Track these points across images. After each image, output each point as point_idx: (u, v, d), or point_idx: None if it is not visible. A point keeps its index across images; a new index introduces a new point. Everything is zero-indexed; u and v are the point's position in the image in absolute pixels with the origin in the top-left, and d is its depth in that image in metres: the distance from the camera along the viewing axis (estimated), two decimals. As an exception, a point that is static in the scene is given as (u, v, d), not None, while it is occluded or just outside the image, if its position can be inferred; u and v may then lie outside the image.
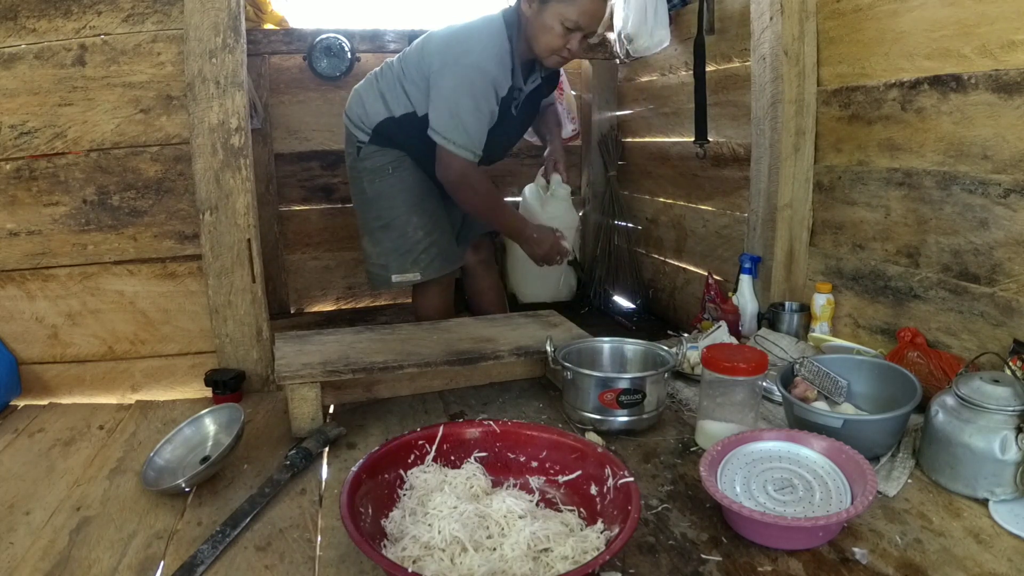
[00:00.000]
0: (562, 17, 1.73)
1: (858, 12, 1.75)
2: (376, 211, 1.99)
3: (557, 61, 1.85)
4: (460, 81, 1.75)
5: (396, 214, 1.97)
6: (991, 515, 1.13)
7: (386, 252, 1.99)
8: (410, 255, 1.98)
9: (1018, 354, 1.35)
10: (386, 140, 1.95)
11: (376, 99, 1.93)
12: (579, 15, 1.72)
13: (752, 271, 2.10)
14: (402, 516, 1.07)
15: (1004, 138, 1.44)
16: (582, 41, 1.80)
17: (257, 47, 2.60)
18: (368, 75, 2.03)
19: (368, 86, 1.99)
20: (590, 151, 3.23)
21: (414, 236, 1.97)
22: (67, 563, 1.07)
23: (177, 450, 1.38)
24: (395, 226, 1.97)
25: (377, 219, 1.99)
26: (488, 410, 1.62)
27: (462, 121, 1.76)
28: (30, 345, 1.73)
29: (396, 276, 1.99)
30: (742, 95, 2.20)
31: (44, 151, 1.63)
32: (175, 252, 1.73)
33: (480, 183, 1.86)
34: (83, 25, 1.58)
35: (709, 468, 1.16)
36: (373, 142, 1.96)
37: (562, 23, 1.73)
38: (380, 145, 1.96)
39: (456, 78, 1.76)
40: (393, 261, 1.99)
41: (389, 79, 1.93)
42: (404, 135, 1.91)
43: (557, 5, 1.73)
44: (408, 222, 1.97)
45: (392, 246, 1.98)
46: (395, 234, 1.98)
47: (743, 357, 1.34)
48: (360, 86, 2.03)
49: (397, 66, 1.93)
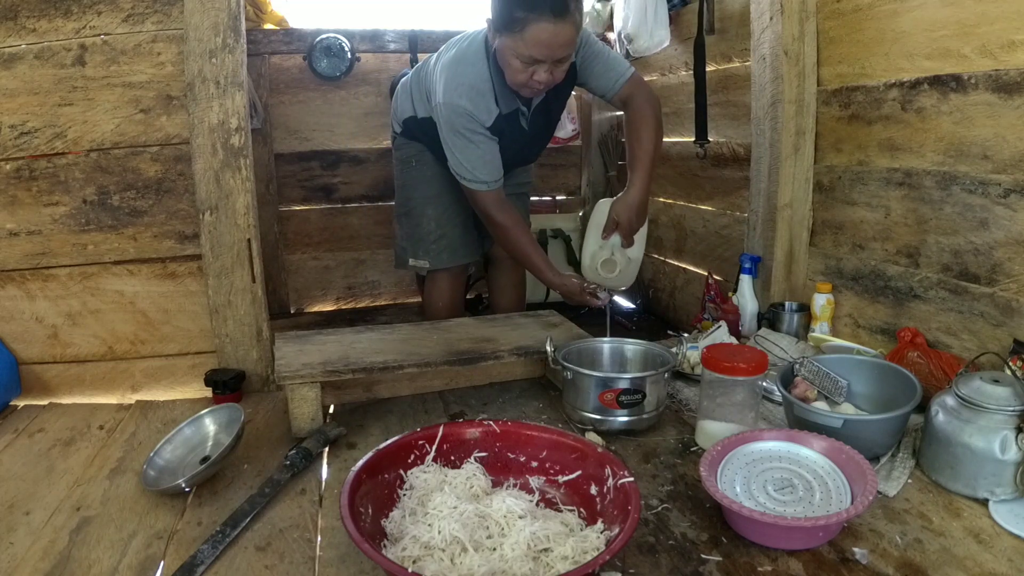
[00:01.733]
0: (515, 51, 1.59)
1: (858, 12, 1.75)
2: (401, 198, 2.13)
3: (532, 92, 1.72)
4: (444, 122, 1.75)
5: (414, 204, 2.07)
6: (991, 515, 1.13)
7: (406, 236, 2.12)
8: (422, 244, 2.07)
9: (1018, 354, 1.35)
10: (412, 135, 2.03)
11: (407, 95, 2.01)
12: (530, 47, 1.56)
13: (752, 271, 2.10)
14: (402, 516, 1.07)
15: (1004, 138, 1.44)
16: (552, 69, 1.62)
17: (257, 47, 2.60)
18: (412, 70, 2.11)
19: (406, 80, 2.08)
20: (590, 151, 3.23)
21: (427, 227, 2.06)
22: (67, 563, 1.07)
23: (177, 450, 1.38)
24: (413, 215, 2.08)
25: (402, 205, 2.13)
26: (488, 410, 1.62)
27: (462, 159, 1.76)
28: (30, 345, 1.73)
29: (411, 260, 2.11)
30: (742, 95, 2.20)
31: (44, 151, 1.63)
32: (175, 252, 1.73)
33: (508, 217, 1.81)
34: (83, 25, 1.58)
35: (709, 468, 1.16)
36: (403, 135, 2.06)
37: (516, 57, 1.60)
38: (408, 138, 2.05)
39: (442, 120, 1.76)
40: (410, 246, 2.11)
41: (417, 79, 1.97)
42: (425, 134, 1.96)
43: (507, 39, 1.59)
44: (423, 213, 2.06)
45: (409, 232, 2.10)
46: (412, 222, 2.08)
47: (743, 357, 1.34)
48: (404, 79, 2.11)
49: (424, 68, 1.94)
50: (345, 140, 2.94)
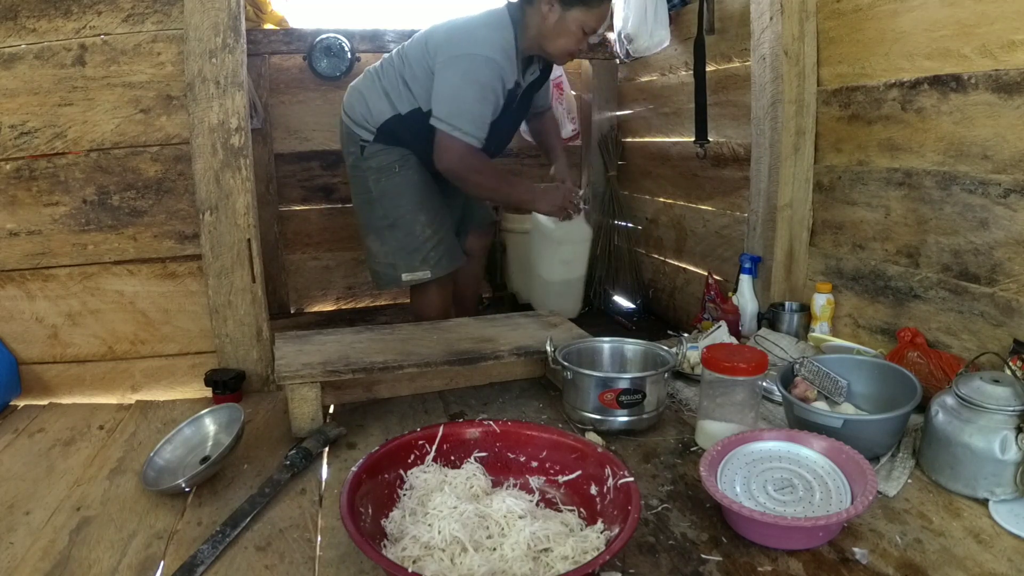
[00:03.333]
0: (582, 23, 1.83)
1: (858, 12, 1.75)
2: (382, 210, 1.98)
3: (567, 60, 2.00)
4: (467, 71, 1.78)
5: (403, 212, 1.97)
6: (991, 515, 1.13)
7: (394, 251, 1.99)
8: (418, 253, 1.98)
9: (1018, 354, 1.35)
10: (391, 138, 1.95)
11: (380, 97, 1.93)
12: (597, 21, 1.85)
13: (752, 271, 2.10)
14: (402, 516, 1.07)
15: (1004, 138, 1.44)
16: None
17: (257, 47, 2.60)
18: (366, 72, 2.02)
19: (370, 84, 1.97)
20: (590, 151, 3.23)
21: (422, 234, 1.98)
22: (67, 563, 1.07)
23: (177, 450, 1.38)
24: (401, 225, 1.97)
25: (384, 218, 1.98)
26: (488, 410, 1.62)
27: (467, 108, 1.79)
28: (30, 345, 1.73)
29: (406, 275, 1.99)
30: (742, 95, 2.20)
31: (44, 151, 1.63)
32: (175, 252, 1.73)
33: (481, 162, 1.88)
34: (83, 25, 1.58)
35: (709, 468, 1.16)
36: (378, 140, 1.95)
37: (582, 28, 1.83)
38: (385, 143, 1.95)
39: (463, 68, 1.78)
40: (402, 260, 1.99)
41: (391, 76, 1.92)
42: (410, 132, 1.91)
43: (579, 13, 1.81)
44: (415, 220, 1.97)
45: (400, 244, 1.98)
46: (402, 233, 1.97)
47: (743, 357, 1.34)
48: (359, 84, 2.01)
49: (398, 62, 1.93)
50: (345, 140, 2.93)
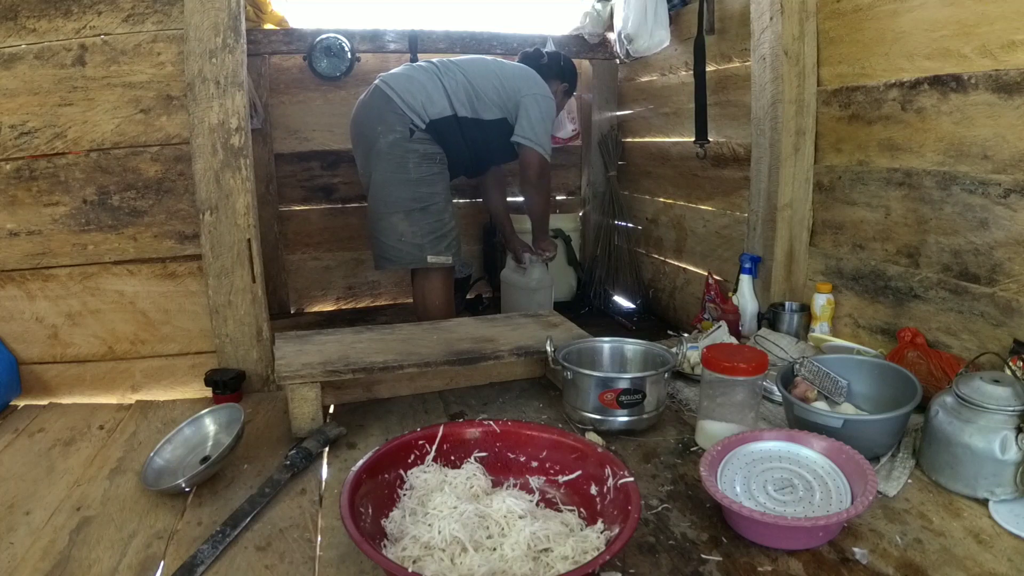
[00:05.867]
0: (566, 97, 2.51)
1: (858, 12, 1.75)
2: (416, 192, 2.16)
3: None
4: (543, 109, 2.26)
5: (436, 200, 2.18)
6: (991, 515, 1.13)
7: (423, 232, 2.17)
8: (444, 239, 2.20)
9: (1018, 354, 1.35)
10: (437, 135, 2.17)
11: (442, 95, 2.16)
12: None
13: (752, 271, 2.10)
14: (402, 516, 1.07)
15: (1004, 138, 1.44)
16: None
17: (257, 47, 2.60)
18: (421, 67, 2.23)
19: (430, 79, 2.17)
20: (590, 151, 3.23)
21: (449, 223, 2.21)
22: (67, 563, 1.07)
23: (177, 450, 1.38)
24: (432, 211, 2.17)
25: (417, 200, 2.16)
26: (488, 410, 1.62)
27: (543, 133, 2.27)
28: (30, 345, 1.73)
29: (432, 256, 2.19)
30: (742, 95, 2.20)
31: (44, 151, 1.63)
32: (175, 252, 1.73)
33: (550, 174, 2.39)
34: (83, 25, 1.58)
35: (709, 468, 1.16)
36: (428, 131, 2.15)
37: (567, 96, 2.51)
38: (431, 136, 2.16)
39: (540, 106, 2.26)
40: (429, 242, 2.18)
41: (455, 83, 2.18)
42: (455, 135, 2.19)
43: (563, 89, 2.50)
44: (445, 210, 2.21)
45: (430, 228, 2.17)
46: (432, 218, 2.17)
47: (743, 357, 1.34)
48: (417, 74, 2.19)
49: (462, 77, 2.20)
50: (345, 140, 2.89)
